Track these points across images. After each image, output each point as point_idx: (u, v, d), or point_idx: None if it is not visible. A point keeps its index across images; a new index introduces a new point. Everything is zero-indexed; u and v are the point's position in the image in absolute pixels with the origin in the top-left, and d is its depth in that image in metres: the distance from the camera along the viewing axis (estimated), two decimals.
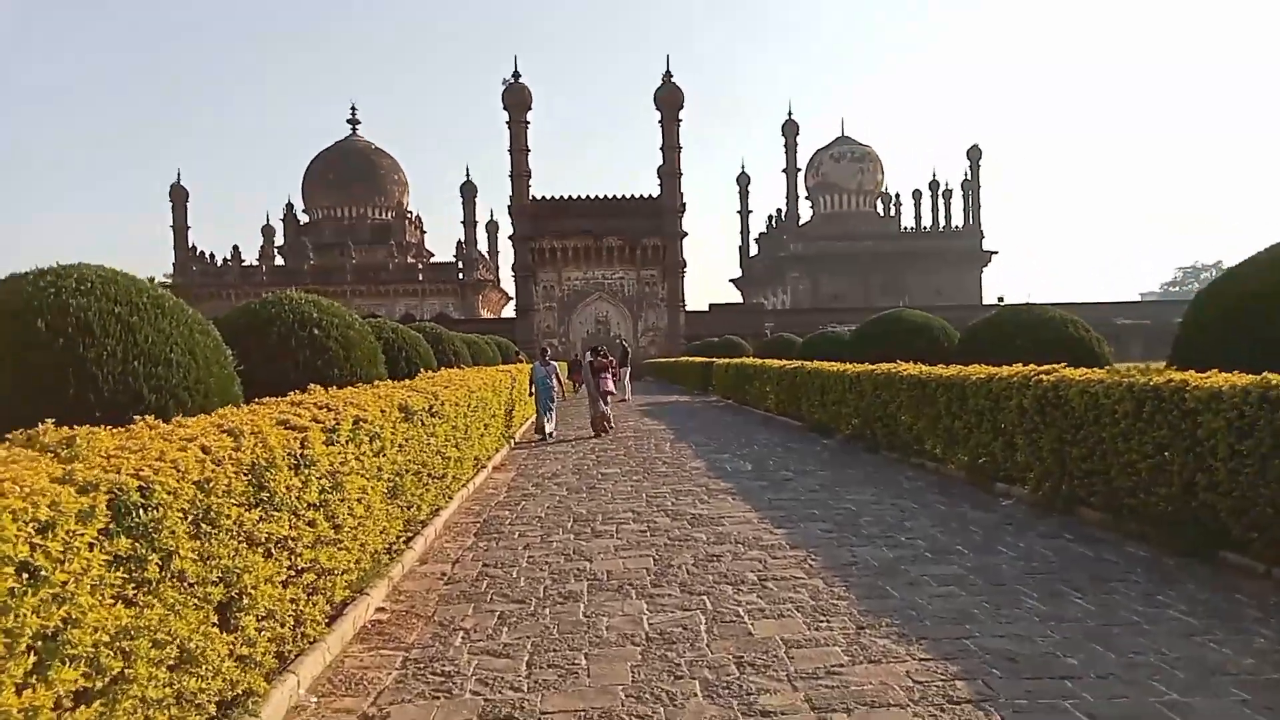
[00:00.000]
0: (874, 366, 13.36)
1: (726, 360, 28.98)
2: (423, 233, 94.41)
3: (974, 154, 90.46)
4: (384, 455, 6.08)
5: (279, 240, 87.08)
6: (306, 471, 4.35)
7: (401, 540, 6.81)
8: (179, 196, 79.96)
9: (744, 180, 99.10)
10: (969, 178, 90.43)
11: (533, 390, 17.83)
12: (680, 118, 64.12)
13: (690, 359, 38.68)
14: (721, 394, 28.48)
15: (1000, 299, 78.11)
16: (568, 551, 7.08)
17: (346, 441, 5.08)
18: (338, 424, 4.98)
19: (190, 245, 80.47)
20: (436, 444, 8.25)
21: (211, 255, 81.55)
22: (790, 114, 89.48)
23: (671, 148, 63.83)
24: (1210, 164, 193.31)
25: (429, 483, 7.98)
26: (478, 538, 7.84)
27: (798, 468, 11.50)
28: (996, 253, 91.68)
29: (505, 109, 63.36)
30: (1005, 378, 9.24)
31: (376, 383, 8.50)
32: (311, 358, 11.68)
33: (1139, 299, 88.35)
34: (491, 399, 12.69)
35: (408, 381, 8.69)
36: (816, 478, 10.65)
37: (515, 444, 16.16)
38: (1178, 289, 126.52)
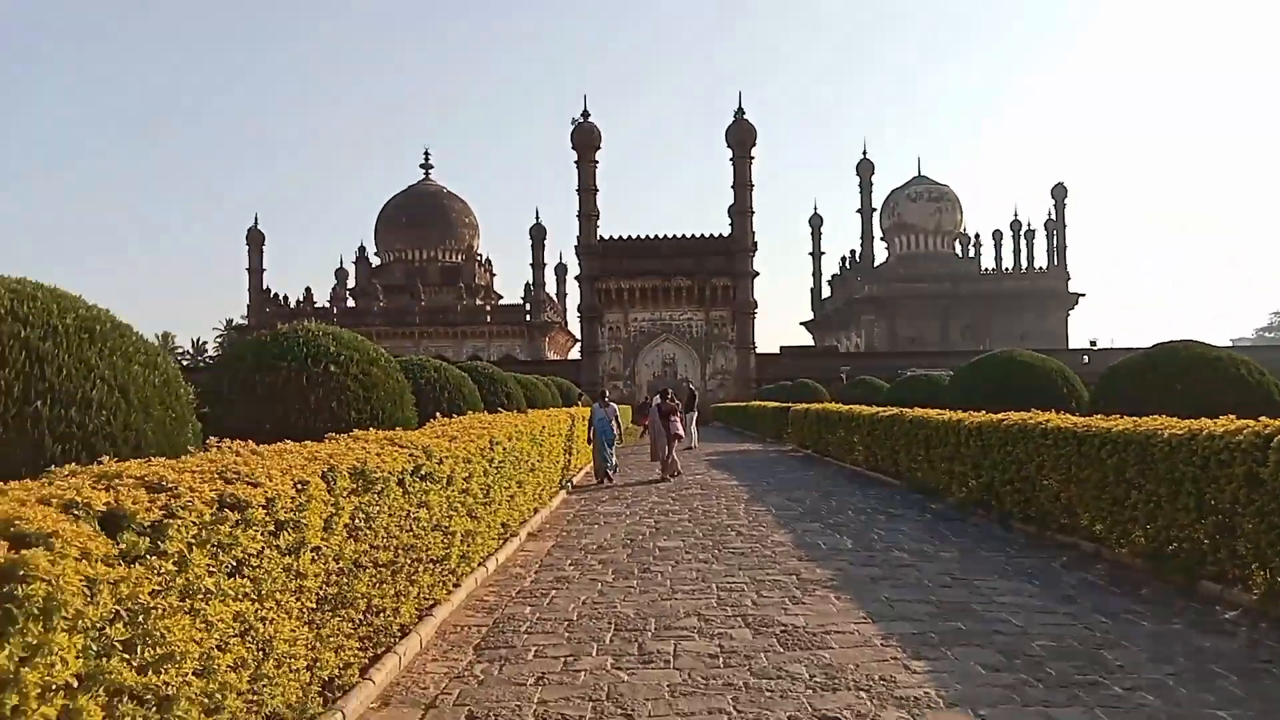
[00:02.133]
0: (1001, 416, 10.74)
1: (805, 405, 26.33)
2: (492, 275, 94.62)
3: (1059, 192, 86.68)
4: (303, 554, 3.85)
5: (351, 282, 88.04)
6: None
7: (351, 671, 4.54)
8: (255, 239, 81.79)
9: (816, 221, 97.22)
10: (1053, 217, 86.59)
11: (591, 434, 17.33)
12: (752, 155, 62.26)
13: (762, 404, 36.06)
14: (798, 443, 25.80)
15: (1093, 343, 73.83)
16: (599, 694, 4.68)
17: (189, 547, 2.85)
18: (164, 518, 2.75)
19: (264, 287, 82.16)
20: (431, 517, 6.02)
21: (285, 298, 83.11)
22: (865, 152, 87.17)
23: (743, 185, 61.89)
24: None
25: (414, 573, 5.74)
26: (477, 655, 5.52)
27: (912, 546, 8.92)
28: (1084, 295, 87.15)
29: (574, 148, 62.35)
30: (1223, 435, 6.62)
31: (355, 432, 6.35)
32: (325, 398, 9.85)
33: (1230, 344, 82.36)
34: (529, 450, 10.48)
35: (391, 432, 6.52)
36: (940, 563, 8.08)
37: (573, 488, 15.68)
38: (1273, 334, 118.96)
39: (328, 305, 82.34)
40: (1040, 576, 7.53)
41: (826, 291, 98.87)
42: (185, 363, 77.17)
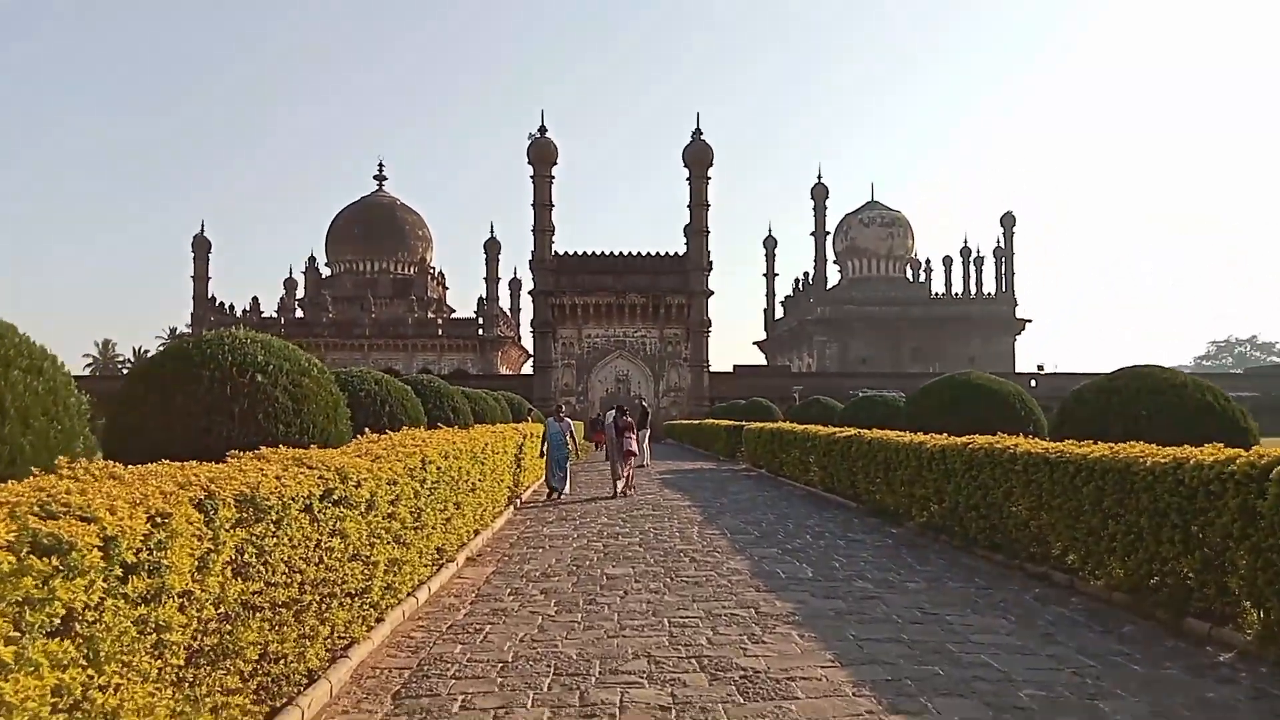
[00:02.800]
0: (966, 440, 10.28)
1: (759, 424, 25.85)
2: (445, 289, 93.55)
3: (1008, 220, 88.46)
4: (164, 603, 3.13)
5: (301, 293, 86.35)
6: None
7: None
8: (202, 247, 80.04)
9: (770, 243, 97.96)
10: (1001, 244, 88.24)
11: (544, 449, 17.31)
12: (709, 175, 62.24)
13: (716, 422, 35.57)
14: (752, 462, 25.31)
15: (1040, 367, 74.88)
16: None
17: None
18: None
19: (210, 295, 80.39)
20: (348, 546, 5.30)
21: (231, 306, 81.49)
22: (820, 176, 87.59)
23: (699, 205, 61.79)
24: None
25: (326, 610, 5.02)
26: (395, 705, 4.79)
27: (876, 575, 8.37)
28: (1030, 321, 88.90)
29: (530, 163, 61.78)
30: (1213, 465, 6.16)
31: (262, 450, 5.62)
32: (250, 411, 9.08)
33: None
34: (469, 468, 9.76)
35: (303, 451, 5.78)
36: (908, 594, 7.52)
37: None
38: (1210, 363, 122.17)
39: (275, 315, 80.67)
40: (1014, 611, 7.01)
41: (780, 312, 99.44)
42: (126, 371, 74.76)
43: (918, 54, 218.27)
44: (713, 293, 62.29)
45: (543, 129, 61.60)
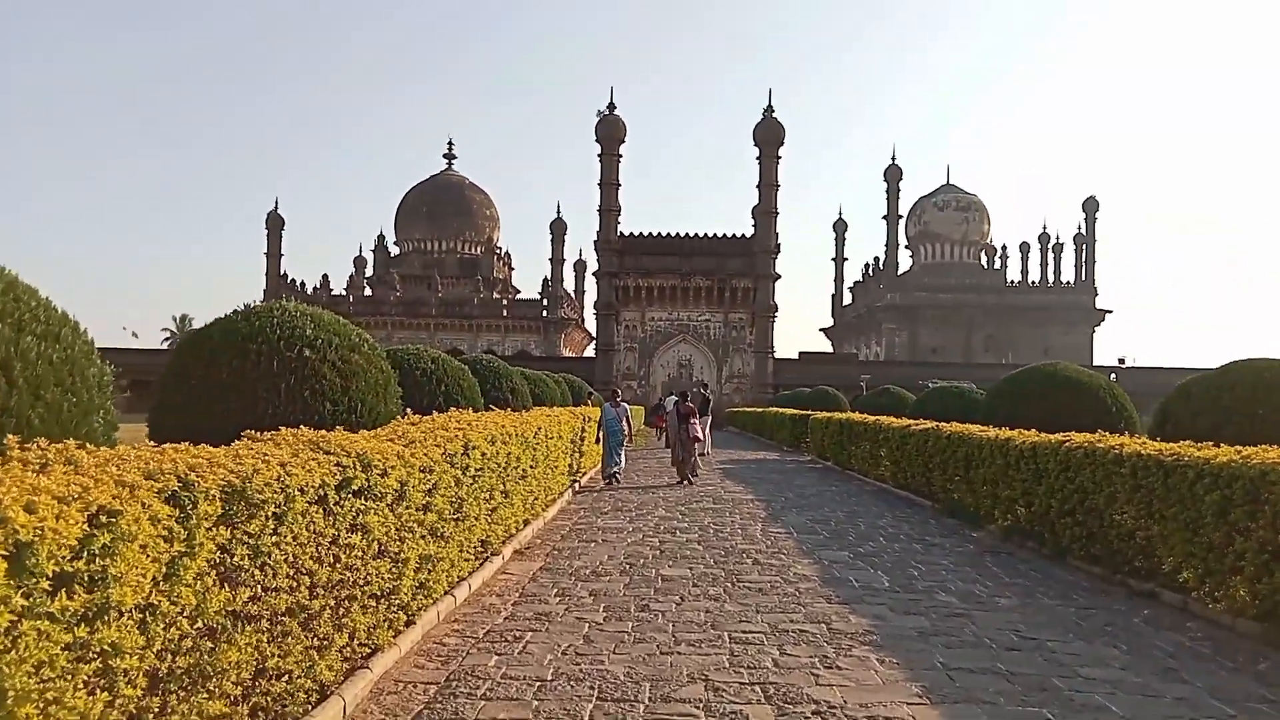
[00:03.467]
0: (1062, 437, 9.31)
1: (826, 414, 24.89)
2: (510, 269, 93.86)
3: (1090, 206, 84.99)
4: (110, 621, 2.54)
5: (369, 271, 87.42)
6: None
7: None
8: (275, 224, 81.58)
9: (840, 227, 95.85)
10: (1082, 231, 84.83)
11: (600, 434, 17.01)
12: (779, 155, 60.82)
13: (780, 410, 34.63)
14: (817, 454, 24.39)
15: (1121, 360, 71.77)
16: None
17: None
18: None
19: (282, 273, 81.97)
20: (372, 543, 4.73)
21: (302, 284, 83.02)
22: (894, 158, 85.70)
23: (769, 185, 60.47)
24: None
25: (343, 615, 4.44)
26: None
27: (960, 587, 7.53)
28: (1111, 312, 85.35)
29: (598, 141, 61.17)
30: None
31: (282, 430, 5.06)
32: (297, 388, 8.62)
33: None
34: (520, 454, 9.18)
35: (321, 434, 5.19)
36: (999, 612, 6.68)
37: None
38: None
39: (344, 293, 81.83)
40: (1124, 638, 6.14)
41: (848, 298, 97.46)
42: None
43: (998, 34, 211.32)
44: (780, 276, 61.04)
45: (611, 106, 60.90)
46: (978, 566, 8.52)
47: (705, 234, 61.94)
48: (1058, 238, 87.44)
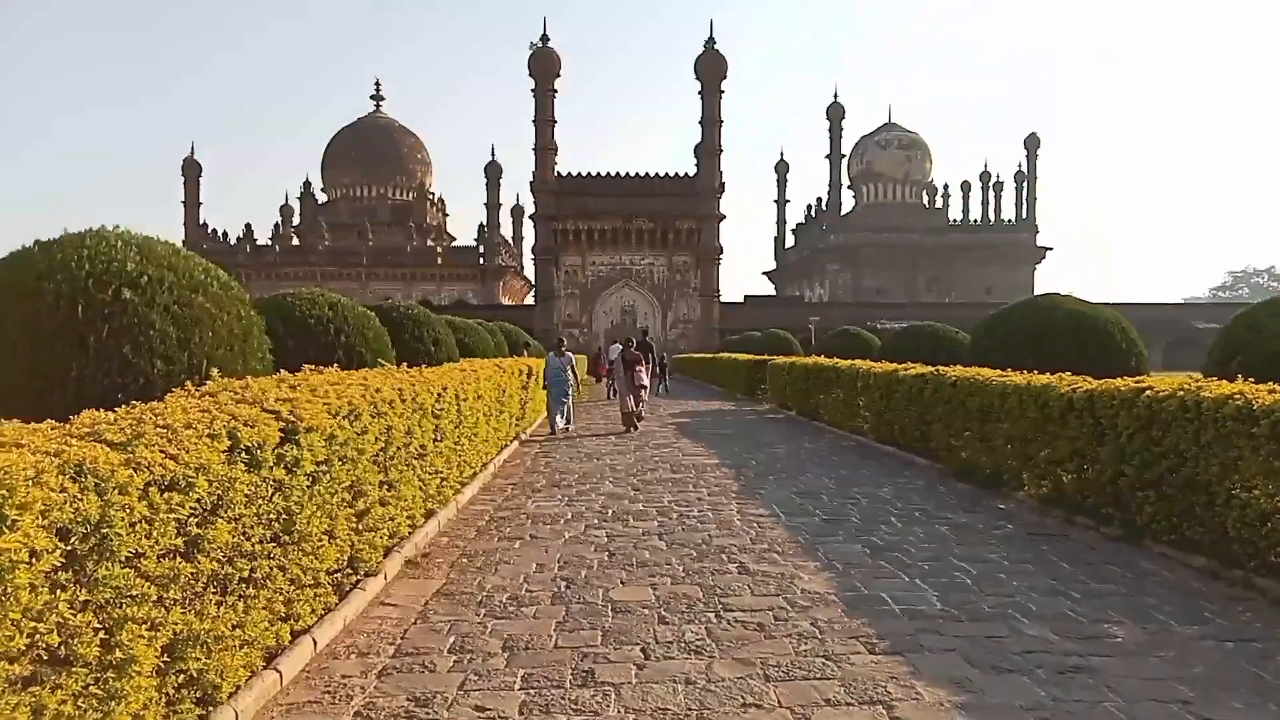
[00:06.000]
0: (1141, 385, 7.10)
1: (787, 359, 22.73)
2: (445, 216, 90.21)
3: (1031, 143, 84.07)
4: None
5: (296, 220, 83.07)
6: None
7: None
8: (192, 171, 77.12)
9: (782, 168, 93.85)
10: (1023, 169, 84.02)
11: (546, 383, 16.72)
12: (722, 89, 58.04)
13: (733, 356, 32.45)
14: (778, 402, 22.26)
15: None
16: None
17: None
18: None
19: (201, 222, 77.75)
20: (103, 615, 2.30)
21: (225, 234, 79.02)
22: (836, 96, 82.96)
23: (711, 121, 57.81)
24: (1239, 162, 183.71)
25: None
26: None
27: (1045, 607, 5.00)
28: (1051, 249, 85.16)
29: (531, 76, 57.70)
30: None
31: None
32: (112, 340, 6.21)
33: (1177, 304, 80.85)
34: (419, 428, 6.71)
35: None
36: (1132, 660, 4.19)
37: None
38: (1227, 293, 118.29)
39: (269, 243, 77.60)
40: None
41: (790, 241, 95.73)
42: None
43: None
44: (725, 217, 58.71)
45: (545, 38, 57.39)
46: (1040, 562, 6.28)
47: (648, 173, 59.20)
48: (998, 176, 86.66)
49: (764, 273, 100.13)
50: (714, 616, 5.02)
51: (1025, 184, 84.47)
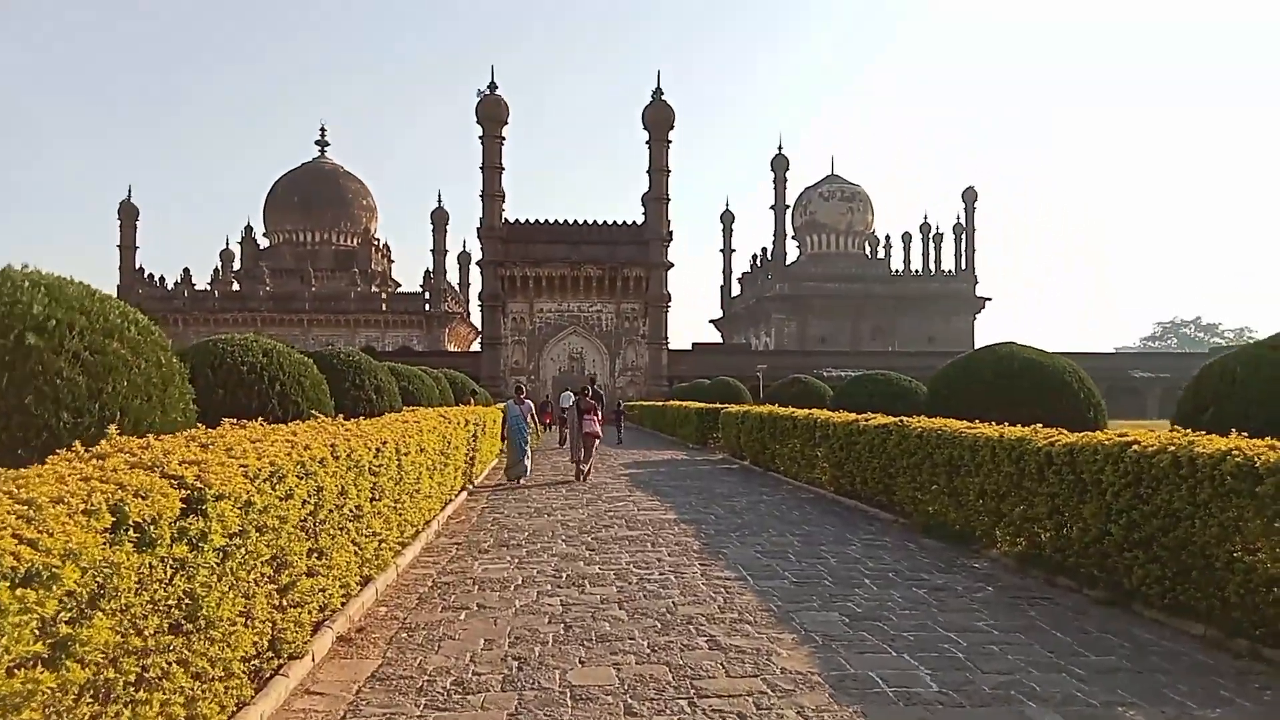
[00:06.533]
0: (1124, 439, 6.77)
1: (741, 408, 22.34)
2: (390, 262, 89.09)
3: (969, 196, 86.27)
4: None
5: (237, 265, 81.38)
6: None
7: None
8: (129, 214, 75.15)
9: (728, 218, 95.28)
10: (962, 221, 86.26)
11: (504, 433, 16.87)
12: (670, 139, 58.44)
13: (684, 404, 32.02)
14: (731, 452, 21.82)
15: None
16: None
17: None
18: None
19: (138, 267, 75.55)
20: None
21: (161, 278, 76.86)
22: (780, 148, 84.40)
23: (659, 170, 58.05)
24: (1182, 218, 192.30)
25: None
26: None
27: (1046, 685, 4.58)
28: (990, 299, 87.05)
29: (479, 122, 57.47)
30: None
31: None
32: (13, 389, 5.94)
33: (1112, 353, 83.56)
34: (353, 487, 6.07)
35: None
36: None
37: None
38: (1157, 343, 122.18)
39: (208, 288, 75.69)
40: None
41: (736, 289, 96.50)
42: None
43: (881, 25, 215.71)
44: (673, 265, 58.73)
45: (493, 85, 57.31)
46: (1032, 631, 5.81)
47: (596, 221, 59.08)
48: (937, 228, 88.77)
49: (711, 320, 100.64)
50: (687, 705, 4.44)
51: (964, 235, 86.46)
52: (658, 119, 58.04)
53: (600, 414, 18.21)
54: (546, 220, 58.54)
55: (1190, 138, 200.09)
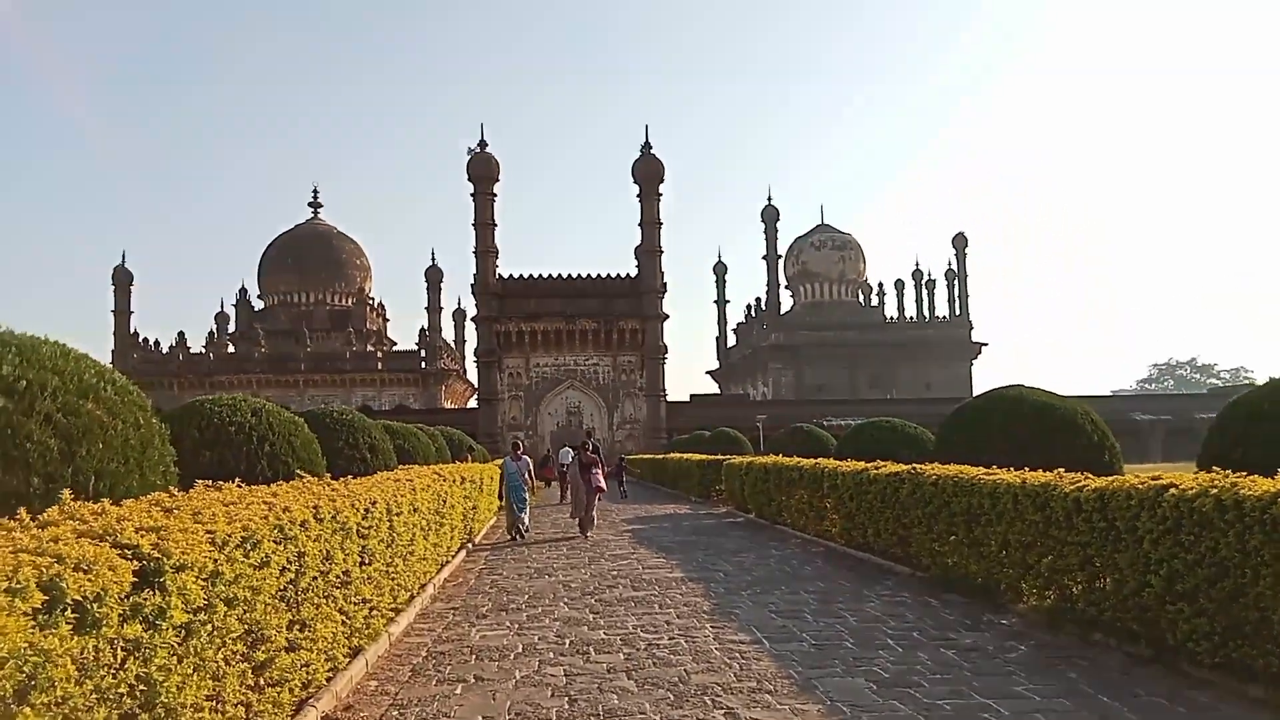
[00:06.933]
0: (1159, 480, 6.42)
1: (744, 459, 21.87)
2: (385, 320, 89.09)
3: (959, 242, 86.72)
4: None
5: (232, 327, 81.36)
6: None
7: None
8: (122, 279, 75.22)
9: (721, 269, 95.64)
10: (953, 267, 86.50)
11: (502, 489, 16.88)
12: (660, 192, 58.78)
13: (685, 456, 31.53)
14: (735, 504, 21.32)
15: None
16: None
17: None
18: None
19: (132, 331, 75.46)
20: None
21: (156, 343, 76.85)
22: (770, 199, 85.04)
23: (651, 223, 58.27)
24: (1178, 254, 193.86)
25: None
26: None
27: None
28: (986, 344, 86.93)
29: (470, 180, 57.80)
30: None
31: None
32: None
33: (1111, 395, 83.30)
34: (340, 551, 5.66)
35: None
36: None
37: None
38: (1153, 386, 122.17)
39: (204, 351, 75.48)
40: None
41: (732, 340, 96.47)
42: None
43: (867, 76, 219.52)
44: (668, 316, 58.62)
45: (483, 143, 57.78)
46: (1076, 696, 5.32)
47: (590, 274, 59.09)
48: (929, 274, 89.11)
49: (708, 372, 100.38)
50: None
51: (956, 281, 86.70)
52: (648, 173, 58.43)
53: (604, 468, 17.88)
54: (540, 275, 58.58)
55: (1181, 180, 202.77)
